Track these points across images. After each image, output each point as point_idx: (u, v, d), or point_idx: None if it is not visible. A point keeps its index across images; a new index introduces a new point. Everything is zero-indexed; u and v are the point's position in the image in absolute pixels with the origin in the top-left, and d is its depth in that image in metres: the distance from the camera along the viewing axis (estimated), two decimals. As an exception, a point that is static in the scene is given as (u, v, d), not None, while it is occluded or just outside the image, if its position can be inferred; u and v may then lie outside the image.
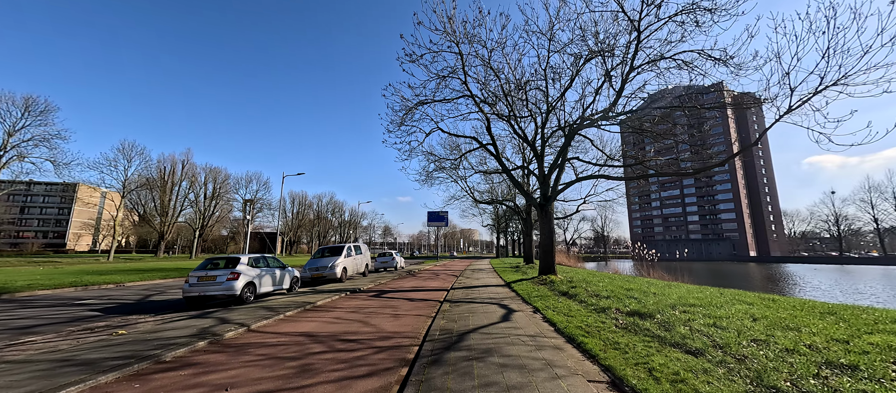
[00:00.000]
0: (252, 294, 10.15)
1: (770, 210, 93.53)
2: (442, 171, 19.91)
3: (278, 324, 7.06)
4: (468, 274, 20.49)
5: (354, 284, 14.57)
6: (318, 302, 9.66)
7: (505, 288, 12.93)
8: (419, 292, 12.43)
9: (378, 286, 14.30)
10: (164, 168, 65.04)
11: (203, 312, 8.40)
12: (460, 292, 11.79)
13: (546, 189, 15.22)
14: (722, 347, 4.78)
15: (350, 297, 11.13)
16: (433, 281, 16.85)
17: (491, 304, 9.25)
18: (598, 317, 7.02)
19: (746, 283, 32.11)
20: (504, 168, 15.53)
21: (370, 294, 11.75)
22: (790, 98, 9.43)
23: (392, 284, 15.51)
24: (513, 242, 78.02)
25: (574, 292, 10.25)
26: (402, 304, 9.75)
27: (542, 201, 15.08)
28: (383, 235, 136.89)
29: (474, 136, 15.46)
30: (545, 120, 15.55)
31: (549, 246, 14.76)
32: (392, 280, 17.16)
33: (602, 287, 11.59)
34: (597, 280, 13.90)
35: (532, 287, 12.22)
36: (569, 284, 12.22)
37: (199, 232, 68.59)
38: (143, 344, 5.35)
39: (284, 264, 12.12)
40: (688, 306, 7.64)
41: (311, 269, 15.47)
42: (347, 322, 7.23)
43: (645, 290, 10.96)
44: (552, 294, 10.50)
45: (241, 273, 9.78)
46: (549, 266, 14.61)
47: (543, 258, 14.77)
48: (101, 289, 14.08)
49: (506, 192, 34.79)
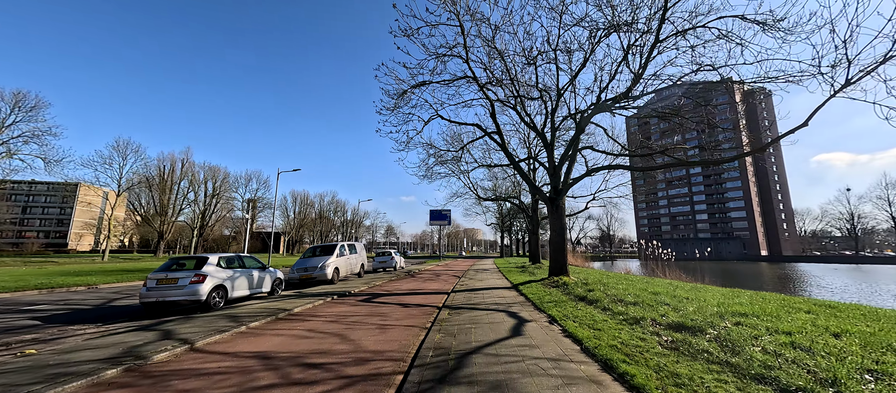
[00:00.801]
0: (222, 299, 8.83)
1: (782, 208, 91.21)
2: (442, 164, 18.53)
3: (234, 340, 5.72)
4: (471, 275, 19.12)
5: (346, 287, 13.25)
6: (296, 308, 8.32)
7: (512, 291, 11.53)
8: (416, 296, 11.06)
9: (371, 288, 12.97)
10: (164, 167, 64.26)
11: (156, 322, 7.09)
12: (462, 296, 10.41)
13: (557, 182, 13.81)
14: (831, 383, 3.37)
15: (336, 302, 9.79)
16: (433, 282, 15.49)
17: (498, 311, 7.87)
18: (632, 331, 5.61)
19: (769, 284, 30.38)
20: (510, 158, 14.12)
21: (360, 298, 10.41)
22: (847, 70, 7.96)
23: (388, 285, 14.17)
24: (517, 241, 76.49)
25: (593, 297, 8.83)
26: (394, 311, 8.39)
27: (552, 195, 13.67)
28: (386, 235, 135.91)
29: (477, 124, 14.04)
30: (555, 106, 14.13)
31: (561, 244, 13.35)
32: (388, 282, 15.82)
33: (623, 290, 10.18)
34: (614, 282, 12.47)
35: (543, 290, 10.82)
36: (584, 287, 10.81)
37: (199, 231, 67.81)
38: (31, 373, 4.03)
39: (265, 265, 10.81)
40: (739, 317, 6.22)
41: (300, 270, 14.17)
42: (321, 337, 5.88)
43: (673, 294, 9.54)
44: (568, 299, 9.09)
45: (207, 275, 8.46)
46: (561, 266, 13.20)
47: (554, 258, 13.36)
48: (68, 291, 12.86)
49: (510, 189, 33.36)
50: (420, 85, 11.87)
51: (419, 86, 11.87)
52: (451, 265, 32.18)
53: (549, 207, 13.67)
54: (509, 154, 14.15)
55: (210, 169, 67.48)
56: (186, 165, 65.68)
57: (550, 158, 14.21)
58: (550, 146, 14.25)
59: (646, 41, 10.73)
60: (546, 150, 14.47)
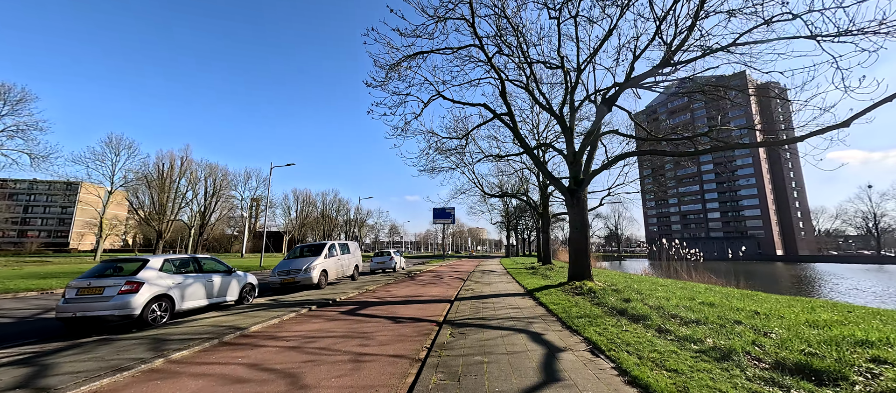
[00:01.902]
0: (166, 312, 7.03)
1: (798, 206, 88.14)
2: (445, 154, 16.66)
3: (128, 386, 3.88)
4: (477, 277, 17.24)
5: (333, 292, 11.43)
6: (254, 326, 6.49)
7: (527, 299, 9.63)
8: (413, 305, 9.20)
9: (362, 295, 11.13)
10: (163, 164, 63.06)
11: (34, 354, 5.27)
12: (468, 306, 8.54)
13: (578, 171, 11.88)
14: None
15: (312, 314, 7.95)
16: (434, 287, 13.62)
17: (516, 331, 5.97)
18: (728, 374, 3.69)
19: (809, 287, 27.98)
20: (524, 145, 12.21)
21: (344, 309, 8.57)
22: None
23: (382, 290, 12.33)
24: (523, 240, 74.39)
25: (635, 311, 6.91)
26: (381, 329, 6.53)
27: (572, 186, 11.75)
28: (390, 234, 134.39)
29: (485, 104, 12.14)
30: (575, 84, 12.20)
31: (583, 244, 11.41)
32: (384, 286, 13.99)
33: (665, 299, 8.24)
34: (648, 288, 10.51)
35: (566, 299, 8.90)
36: (617, 295, 8.88)
37: (199, 231, 66.63)
38: None
39: (231, 268, 9.01)
40: (863, 346, 4.31)
41: (281, 272, 12.37)
42: (261, 382, 4.03)
43: (733, 305, 7.60)
44: (602, 313, 7.17)
45: (144, 283, 6.66)
46: (583, 269, 11.26)
47: (575, 259, 11.42)
48: (15, 298, 11.19)
49: (517, 185, 31.37)
50: (417, 55, 9.99)
51: (415, 56, 9.98)
52: (455, 266, 30.31)
53: (569, 200, 11.75)
54: (522, 139, 12.24)
55: (209, 167, 66.18)
56: (185, 163, 64.42)
57: (570, 144, 12.28)
58: (570, 130, 12.32)
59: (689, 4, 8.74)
60: (565, 134, 12.53)
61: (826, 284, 30.13)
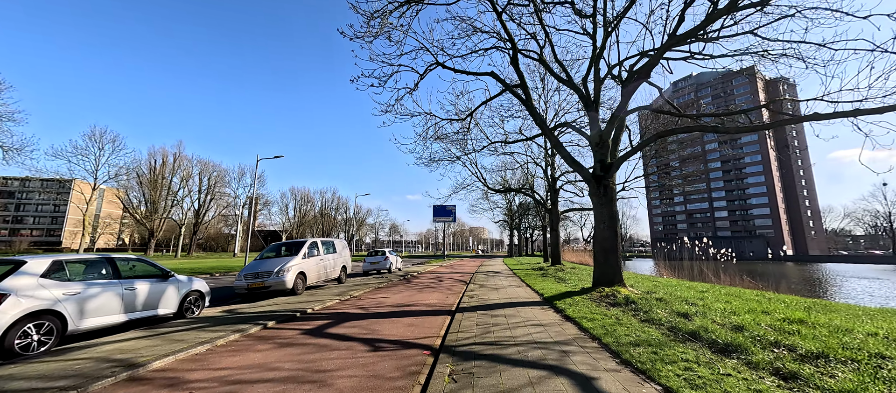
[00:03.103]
0: (51, 336, 5.00)
1: (808, 204, 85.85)
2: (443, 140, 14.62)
3: None
4: (481, 279, 15.19)
5: (310, 299, 9.41)
6: (161, 360, 4.45)
7: (548, 310, 7.57)
8: (401, 320, 7.16)
9: (342, 304, 9.09)
10: (155, 161, 61.19)
11: None
12: (473, 321, 6.50)
13: (604, 154, 9.82)
14: None
15: (264, 334, 5.91)
16: (431, 292, 11.58)
17: (550, 371, 3.92)
18: None
19: (846, 292, 25.70)
20: (541, 121, 10.16)
21: (311, 325, 6.54)
22: None
23: (369, 297, 10.30)
24: (526, 239, 72.32)
25: (712, 334, 4.86)
26: (349, 362, 4.49)
27: (598, 172, 9.70)
28: (390, 233, 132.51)
29: (492, 72, 10.07)
30: (601, 49, 10.14)
31: (613, 241, 9.34)
32: (373, 290, 11.96)
33: (734, 314, 6.20)
34: (694, 295, 8.45)
35: (600, 312, 6.85)
36: (665, 308, 6.84)
37: (193, 229, 64.79)
38: None
39: (169, 272, 6.99)
40: None
41: (249, 275, 10.33)
42: None
43: (840, 324, 5.55)
44: (662, 336, 5.12)
45: (9, 294, 4.64)
46: (613, 272, 9.21)
47: (603, 259, 9.35)
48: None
49: (522, 181, 29.27)
50: (408, 3, 7.93)
51: (406, 3, 7.92)
52: (455, 266, 28.26)
53: (594, 189, 9.70)
54: (538, 115, 10.18)
55: (204, 164, 64.30)
56: (178, 159, 62.59)
57: (594, 124, 10.21)
58: (595, 105, 10.26)
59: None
60: (588, 112, 10.47)
61: (875, 286, 27.87)
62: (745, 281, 15.60)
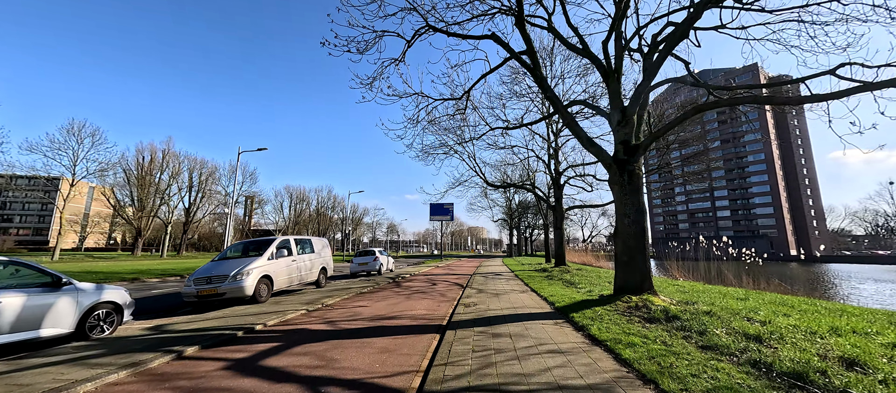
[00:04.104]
0: None
1: (811, 204, 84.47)
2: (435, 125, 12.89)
3: None
4: (479, 282, 13.49)
5: (270, 310, 7.70)
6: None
7: (565, 326, 5.87)
8: (373, 343, 5.44)
9: (306, 317, 7.37)
10: (143, 157, 59.22)
11: None
12: (469, 344, 4.78)
13: (628, 133, 8.13)
14: None
15: (170, 367, 4.19)
16: (422, 299, 9.86)
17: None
18: None
19: (874, 297, 23.86)
20: (551, 96, 8.46)
21: (245, 354, 4.82)
22: None
23: (344, 307, 8.57)
24: (525, 239, 70.61)
25: (820, 375, 3.18)
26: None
27: (621, 156, 8.01)
28: (387, 233, 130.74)
29: (494, 34, 8.34)
30: (624, 9, 8.45)
31: (640, 239, 7.63)
32: (354, 297, 10.23)
33: (811, 334, 4.54)
34: (745, 306, 6.77)
35: (637, 332, 5.15)
36: (727, 328, 5.16)
37: (184, 228, 62.88)
38: None
39: (62, 279, 5.26)
40: None
41: (200, 280, 8.58)
42: None
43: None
44: (746, 375, 3.41)
45: None
46: (642, 276, 7.50)
47: (628, 260, 7.64)
48: None
49: (523, 176, 27.56)
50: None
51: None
52: (453, 267, 26.55)
53: (616, 177, 8.01)
54: (549, 88, 8.47)
55: (193, 161, 62.34)
56: (167, 156, 60.59)
57: (616, 99, 8.51)
58: (617, 76, 8.56)
59: None
60: (608, 85, 8.77)
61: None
62: (774, 285, 13.95)
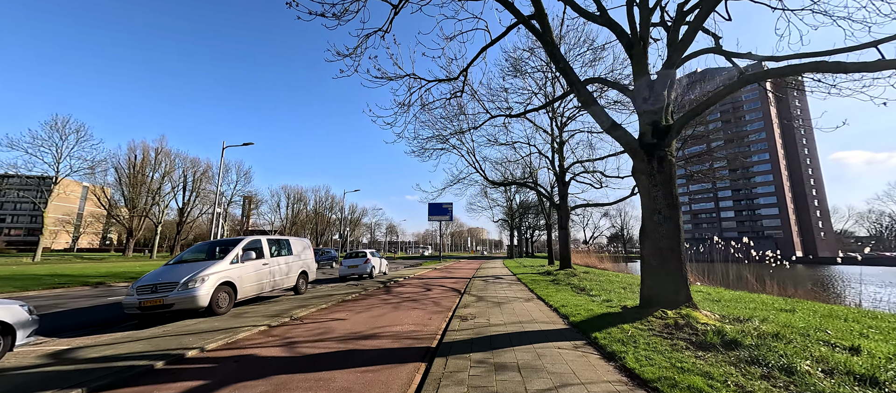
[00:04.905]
0: None
1: (816, 205, 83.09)
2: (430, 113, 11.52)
3: None
4: (479, 287, 12.10)
5: (225, 325, 6.32)
6: None
7: (589, 354, 4.46)
8: (335, 378, 4.05)
9: (264, 335, 5.97)
10: (134, 155, 57.84)
11: None
12: (462, 387, 3.43)
13: (658, 113, 6.76)
14: None
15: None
16: (411, 309, 8.47)
17: None
18: None
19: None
20: (564, 68, 7.09)
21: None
22: None
23: (316, 320, 7.18)
24: (526, 240, 69.13)
25: None
26: None
27: (650, 139, 6.64)
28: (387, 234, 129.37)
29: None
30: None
31: (674, 239, 6.24)
32: (332, 306, 8.84)
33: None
34: (804, 322, 5.39)
35: (691, 363, 3.72)
36: (813, 358, 3.74)
37: (177, 228, 61.51)
38: None
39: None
40: None
41: (143, 289, 7.17)
42: None
43: None
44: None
45: None
46: (676, 286, 6.12)
47: (658, 265, 6.24)
48: None
49: (525, 174, 26.18)
50: None
51: None
52: (451, 269, 25.15)
53: (642, 165, 6.64)
54: (560, 58, 7.10)
55: (187, 159, 60.96)
56: (160, 155, 59.22)
57: (641, 73, 7.13)
58: (642, 45, 7.17)
59: None
60: (631, 56, 7.39)
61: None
62: (806, 291, 12.55)
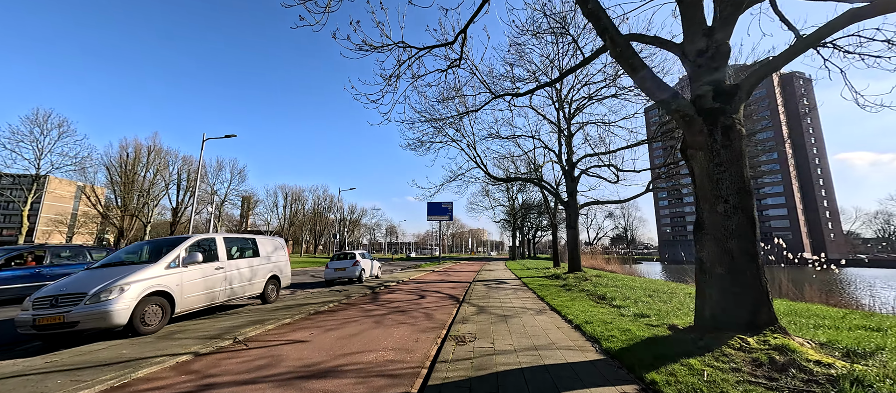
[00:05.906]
0: None
1: (826, 206, 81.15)
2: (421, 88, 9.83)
3: None
4: (480, 293, 10.41)
5: (142, 352, 4.66)
6: None
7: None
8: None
9: (174, 372, 4.29)
10: (126, 153, 56.38)
11: None
12: None
13: (719, 70, 5.08)
14: None
15: None
16: (396, 325, 6.77)
17: None
18: None
19: None
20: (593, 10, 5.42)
21: None
22: None
23: (265, 343, 5.50)
24: (529, 241, 67.35)
25: None
26: None
27: (711, 103, 4.96)
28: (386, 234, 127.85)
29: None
30: None
31: (749, 238, 4.55)
32: (300, 320, 7.15)
33: None
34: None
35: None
36: None
37: (171, 229, 60.07)
38: None
39: None
40: None
41: (40, 303, 5.49)
42: None
43: None
44: None
45: None
46: (752, 301, 4.42)
47: (725, 273, 4.54)
48: None
49: (529, 168, 24.46)
50: None
51: None
52: (450, 272, 23.44)
53: (699, 137, 4.98)
54: None
55: (177, 156, 59.43)
56: (153, 153, 57.76)
57: (694, 21, 5.45)
58: (694, -18, 5.48)
59: None
60: (679, 3, 5.71)
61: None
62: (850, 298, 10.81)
